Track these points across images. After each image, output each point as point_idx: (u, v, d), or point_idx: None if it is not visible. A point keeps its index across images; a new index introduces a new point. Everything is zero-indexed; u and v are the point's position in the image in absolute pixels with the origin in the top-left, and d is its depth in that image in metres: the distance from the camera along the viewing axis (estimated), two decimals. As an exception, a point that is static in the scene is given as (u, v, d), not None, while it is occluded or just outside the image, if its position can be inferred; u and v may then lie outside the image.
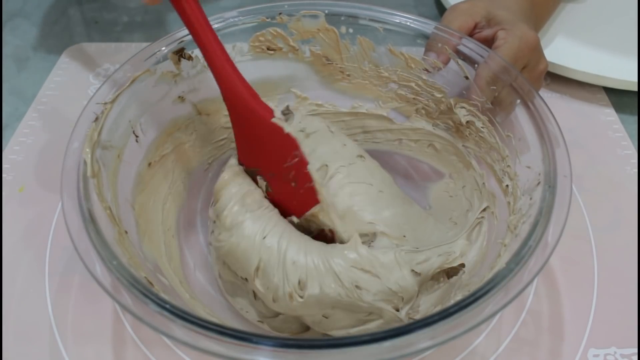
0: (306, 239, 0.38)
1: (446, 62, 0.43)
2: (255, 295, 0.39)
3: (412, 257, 0.38)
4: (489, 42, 0.46)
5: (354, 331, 0.36)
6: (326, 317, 0.36)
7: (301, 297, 0.35)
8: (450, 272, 0.40)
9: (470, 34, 0.47)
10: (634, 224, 0.47)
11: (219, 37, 0.42)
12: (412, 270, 0.37)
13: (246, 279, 0.37)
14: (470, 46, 0.42)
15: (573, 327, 0.40)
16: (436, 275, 0.39)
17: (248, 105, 0.36)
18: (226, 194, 0.39)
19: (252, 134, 0.37)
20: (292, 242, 0.37)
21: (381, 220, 0.40)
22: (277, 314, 0.38)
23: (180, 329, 0.27)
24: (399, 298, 0.36)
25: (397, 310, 0.36)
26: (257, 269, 0.36)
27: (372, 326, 0.35)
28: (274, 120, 0.36)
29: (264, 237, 0.37)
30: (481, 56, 0.41)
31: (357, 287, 0.35)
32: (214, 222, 0.42)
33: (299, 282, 0.35)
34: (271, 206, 0.39)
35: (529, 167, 0.36)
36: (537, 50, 0.46)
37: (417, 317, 0.37)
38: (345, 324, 0.36)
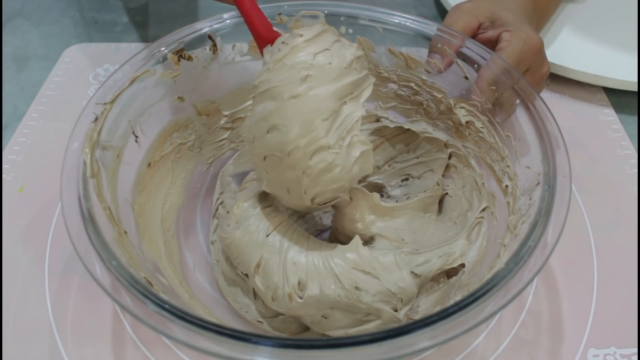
0: (309, 239, 0.38)
1: (450, 65, 0.42)
2: (255, 294, 0.39)
3: (412, 259, 0.38)
4: (492, 43, 0.46)
5: (353, 331, 0.36)
6: (325, 318, 0.36)
7: (300, 297, 0.35)
8: (450, 273, 0.40)
9: (474, 35, 0.47)
10: (634, 224, 0.47)
11: (219, 37, 0.43)
12: (412, 272, 0.37)
13: (246, 275, 0.37)
14: (471, 47, 0.42)
15: (573, 327, 0.40)
16: (436, 275, 0.39)
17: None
18: (249, 187, 0.41)
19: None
20: (294, 242, 0.37)
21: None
22: (276, 314, 0.39)
23: (179, 329, 0.27)
24: (398, 299, 0.36)
25: (396, 311, 0.36)
26: (258, 265, 0.36)
27: (371, 327, 0.35)
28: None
29: (267, 235, 0.37)
30: (483, 58, 0.41)
31: (356, 288, 0.35)
32: (227, 212, 0.42)
33: (299, 283, 0.35)
34: (281, 208, 0.40)
35: (528, 167, 0.36)
36: (540, 53, 0.46)
37: (417, 317, 0.37)
38: (344, 325, 0.36)
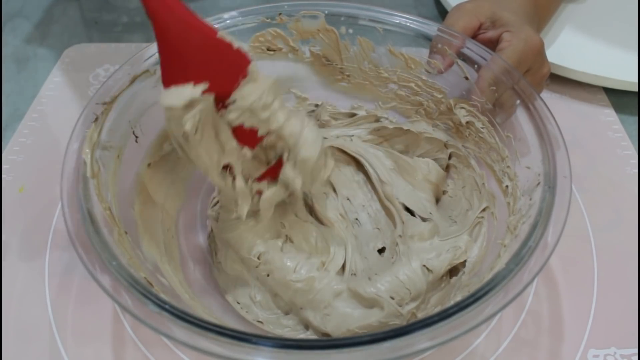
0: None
1: (450, 65, 0.42)
2: (254, 295, 0.39)
3: (422, 248, 0.38)
4: (493, 44, 0.46)
5: (354, 328, 0.36)
6: (327, 315, 0.36)
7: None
8: (451, 272, 0.40)
9: (475, 35, 0.47)
10: (634, 224, 0.47)
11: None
12: (424, 266, 0.37)
13: (259, 258, 0.38)
14: (472, 48, 0.41)
15: (573, 328, 0.40)
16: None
17: (189, 20, 0.30)
18: None
19: (189, 51, 0.30)
20: None
21: None
22: (276, 315, 0.39)
23: (179, 330, 0.27)
24: (406, 291, 0.36)
25: (400, 306, 0.36)
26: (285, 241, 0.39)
27: (372, 320, 0.36)
28: (219, 36, 0.31)
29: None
30: (483, 58, 0.41)
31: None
32: (219, 214, 0.42)
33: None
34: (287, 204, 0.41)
35: (528, 168, 0.36)
36: (541, 54, 0.46)
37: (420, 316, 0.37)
38: (347, 309, 0.37)
